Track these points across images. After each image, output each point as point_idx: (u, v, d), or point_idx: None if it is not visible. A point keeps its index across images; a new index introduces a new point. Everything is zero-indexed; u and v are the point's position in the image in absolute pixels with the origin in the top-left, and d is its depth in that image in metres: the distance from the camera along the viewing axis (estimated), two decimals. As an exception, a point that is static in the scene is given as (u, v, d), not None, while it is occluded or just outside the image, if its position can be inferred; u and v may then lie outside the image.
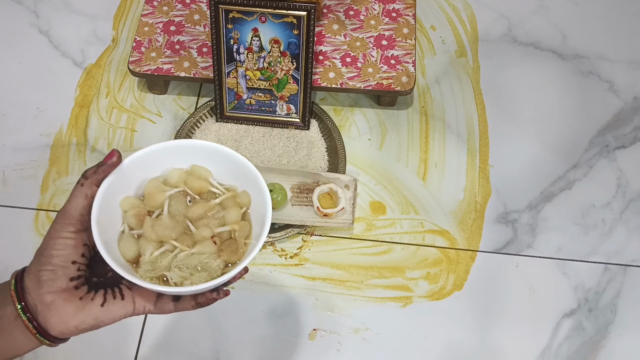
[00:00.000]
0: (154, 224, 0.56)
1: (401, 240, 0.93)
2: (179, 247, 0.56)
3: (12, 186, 0.97)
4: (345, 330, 0.87)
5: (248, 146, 0.99)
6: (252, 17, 0.90)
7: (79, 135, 1.01)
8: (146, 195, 0.57)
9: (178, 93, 1.06)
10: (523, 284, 0.91)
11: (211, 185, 0.59)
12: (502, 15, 1.15)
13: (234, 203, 0.59)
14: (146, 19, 1.03)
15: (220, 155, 0.58)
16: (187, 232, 0.57)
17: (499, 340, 0.87)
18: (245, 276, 0.89)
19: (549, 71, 1.10)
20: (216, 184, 0.60)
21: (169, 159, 0.59)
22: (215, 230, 0.57)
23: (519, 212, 0.96)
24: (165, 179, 0.59)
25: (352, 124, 1.03)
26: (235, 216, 0.57)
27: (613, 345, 0.87)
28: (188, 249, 0.56)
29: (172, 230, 0.55)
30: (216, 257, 0.56)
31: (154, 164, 0.58)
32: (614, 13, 1.16)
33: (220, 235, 0.57)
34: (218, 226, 0.57)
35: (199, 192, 0.59)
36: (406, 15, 1.04)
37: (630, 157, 1.02)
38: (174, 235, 0.56)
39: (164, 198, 0.57)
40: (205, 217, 0.58)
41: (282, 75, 0.96)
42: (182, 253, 0.55)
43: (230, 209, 0.58)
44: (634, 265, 0.93)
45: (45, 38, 1.11)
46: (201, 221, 0.57)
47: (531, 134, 1.03)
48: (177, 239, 0.56)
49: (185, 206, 0.58)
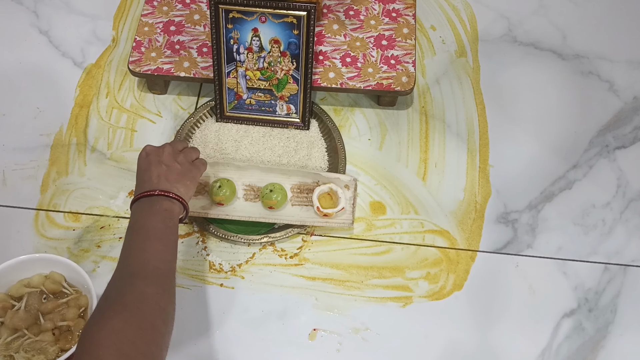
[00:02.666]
0: (13, 316, 0.77)
1: (401, 240, 0.93)
2: (27, 334, 0.77)
3: (12, 186, 0.97)
4: (345, 330, 0.87)
5: (248, 146, 0.99)
6: (252, 17, 0.90)
7: (79, 135, 1.01)
8: (12, 291, 0.81)
9: (178, 93, 1.06)
10: (523, 284, 0.91)
11: (63, 287, 0.81)
12: (502, 15, 1.15)
13: (75, 304, 0.80)
14: (146, 19, 1.03)
15: (66, 266, 0.80)
16: (37, 322, 0.79)
17: (499, 340, 0.87)
18: (245, 276, 0.90)
19: (549, 71, 1.10)
20: (67, 286, 0.81)
21: (32, 267, 0.81)
22: (57, 324, 0.78)
23: (519, 212, 0.96)
24: (29, 281, 0.81)
25: (352, 124, 1.03)
26: (72, 314, 0.79)
27: (613, 345, 0.87)
28: (34, 336, 0.77)
29: (24, 322, 0.77)
30: (54, 344, 0.76)
31: (22, 270, 0.81)
32: (614, 13, 1.16)
33: (61, 328, 0.78)
34: (60, 321, 0.78)
35: (53, 292, 0.81)
36: (406, 15, 1.04)
37: (630, 157, 1.02)
38: (25, 325, 0.77)
39: (24, 293, 0.80)
40: (53, 312, 0.79)
41: (282, 75, 0.96)
42: (29, 340, 0.76)
43: (71, 308, 0.79)
44: (634, 265, 0.93)
45: (45, 38, 1.11)
46: (49, 315, 0.79)
47: (531, 134, 1.03)
48: (27, 328, 0.77)
49: (40, 302, 0.80)
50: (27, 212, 0.94)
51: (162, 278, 0.67)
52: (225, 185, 0.90)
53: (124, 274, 0.67)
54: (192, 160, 0.81)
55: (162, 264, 0.68)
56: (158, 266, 0.68)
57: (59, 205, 0.95)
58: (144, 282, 0.65)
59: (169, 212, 0.73)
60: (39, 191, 0.96)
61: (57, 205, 0.95)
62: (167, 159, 0.78)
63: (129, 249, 0.70)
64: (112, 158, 0.99)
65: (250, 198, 0.93)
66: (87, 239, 0.92)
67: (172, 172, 0.77)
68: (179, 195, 0.75)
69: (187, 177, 0.78)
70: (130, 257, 0.69)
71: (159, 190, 0.74)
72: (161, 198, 0.74)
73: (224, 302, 0.88)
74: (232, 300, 0.88)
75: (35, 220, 0.94)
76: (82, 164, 0.98)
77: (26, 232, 0.93)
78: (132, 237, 0.71)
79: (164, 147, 0.79)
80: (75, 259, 0.90)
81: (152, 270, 0.67)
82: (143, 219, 0.72)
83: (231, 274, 0.90)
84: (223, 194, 0.89)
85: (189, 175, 0.78)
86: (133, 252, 0.69)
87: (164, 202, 0.74)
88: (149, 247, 0.69)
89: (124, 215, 0.94)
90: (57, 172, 0.98)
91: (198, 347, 0.85)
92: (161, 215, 0.73)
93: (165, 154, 0.78)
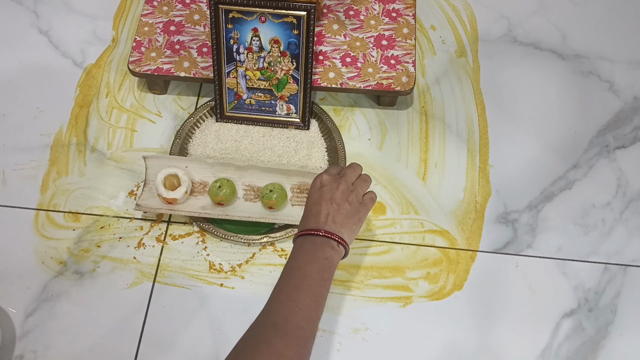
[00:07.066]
0: None
1: (401, 240, 0.93)
2: None
3: (12, 186, 0.97)
4: (345, 330, 0.87)
5: (248, 146, 0.99)
6: (252, 17, 0.90)
7: (79, 135, 1.01)
8: None
9: (178, 93, 1.06)
10: (523, 284, 0.91)
11: None
12: (502, 15, 1.15)
13: None
14: (146, 19, 1.03)
15: None
16: None
17: (499, 340, 0.87)
18: (245, 276, 0.90)
19: (549, 71, 1.10)
20: None
21: None
22: None
23: (519, 212, 0.96)
24: None
25: (352, 124, 1.03)
26: None
27: (613, 345, 0.87)
28: None
29: None
30: None
31: None
32: (614, 13, 1.16)
33: None
34: None
35: None
36: (406, 15, 1.04)
37: (630, 157, 1.02)
38: None
39: None
40: None
41: (282, 75, 0.96)
42: None
43: None
44: (634, 265, 0.93)
45: (45, 38, 1.11)
46: None
47: (531, 134, 1.03)
48: None
49: None
50: (27, 212, 0.94)
51: (301, 340, 0.65)
52: (225, 185, 0.90)
53: (267, 322, 0.66)
54: (362, 196, 0.79)
55: (306, 323, 0.66)
56: (301, 325, 0.65)
57: (59, 205, 0.95)
58: (282, 341, 0.63)
59: (329, 261, 0.71)
60: (39, 191, 0.96)
61: (57, 205, 0.95)
62: (340, 197, 0.75)
63: (280, 294, 0.68)
64: (112, 158, 0.99)
65: (250, 198, 0.93)
66: (87, 239, 0.92)
67: (341, 212, 0.75)
68: (342, 239, 0.73)
69: (353, 220, 0.76)
70: (278, 303, 0.68)
71: (324, 231, 0.73)
72: (325, 242, 0.72)
73: (224, 302, 0.88)
74: (232, 300, 0.88)
75: (35, 220, 0.94)
76: (82, 164, 0.98)
77: (26, 232, 0.93)
78: (286, 280, 0.69)
79: (339, 182, 0.77)
80: (75, 259, 0.90)
81: (295, 328, 0.65)
82: (302, 262, 0.70)
83: (231, 274, 0.90)
84: (223, 194, 0.89)
85: (356, 217, 0.76)
86: (282, 299, 0.68)
87: (327, 249, 0.72)
88: (299, 300, 0.67)
89: (124, 215, 0.94)
90: (57, 172, 0.98)
91: (198, 347, 0.85)
92: (320, 264, 0.70)
93: (339, 190, 0.76)
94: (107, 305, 0.88)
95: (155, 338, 0.86)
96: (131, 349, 0.85)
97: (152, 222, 0.94)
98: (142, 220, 0.94)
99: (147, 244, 0.92)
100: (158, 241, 0.92)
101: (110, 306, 0.88)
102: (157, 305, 0.88)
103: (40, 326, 0.86)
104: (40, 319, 0.87)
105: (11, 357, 0.84)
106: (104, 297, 0.88)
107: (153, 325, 0.86)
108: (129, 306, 0.88)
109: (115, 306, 0.88)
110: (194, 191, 0.92)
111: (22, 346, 0.85)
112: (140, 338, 0.86)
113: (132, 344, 0.85)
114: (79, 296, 0.88)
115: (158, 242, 0.92)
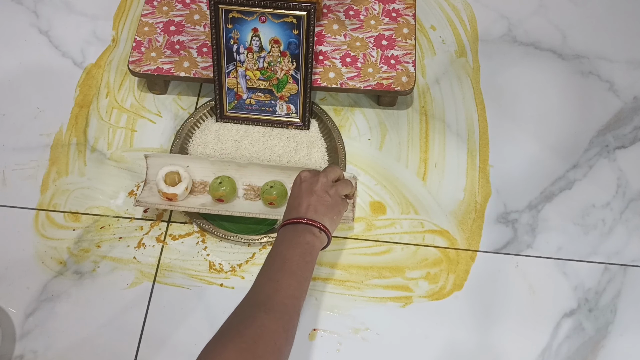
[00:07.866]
0: None
1: (401, 240, 0.93)
2: None
3: (12, 186, 0.97)
4: (345, 330, 0.87)
5: (248, 146, 0.99)
6: (252, 17, 0.90)
7: (79, 135, 1.01)
8: None
9: (178, 93, 1.06)
10: (523, 284, 0.91)
11: None
12: (502, 15, 1.15)
13: None
14: (146, 19, 1.03)
15: None
16: None
17: (499, 340, 0.87)
18: (245, 276, 0.90)
19: (549, 71, 1.10)
20: None
21: None
22: None
23: (519, 212, 0.96)
24: None
25: (352, 124, 1.03)
26: None
27: (613, 345, 0.87)
28: None
29: None
30: None
31: None
32: (614, 13, 1.16)
33: None
34: None
35: None
36: (406, 15, 1.04)
37: (630, 157, 1.02)
38: None
39: None
40: None
41: (282, 75, 0.96)
42: None
43: None
44: (634, 265, 0.93)
45: (45, 38, 1.11)
46: None
47: (531, 134, 1.03)
48: None
49: None
50: (27, 212, 0.94)
51: (285, 315, 0.67)
52: (226, 182, 0.90)
53: (251, 301, 0.69)
54: (342, 196, 0.83)
55: (289, 300, 0.69)
56: (285, 302, 0.68)
57: (59, 205, 0.95)
58: (267, 315, 0.66)
59: (310, 245, 0.74)
60: (39, 191, 0.96)
61: (57, 205, 0.95)
62: (320, 188, 0.79)
63: (262, 277, 0.71)
64: (112, 158, 0.99)
65: (250, 197, 0.93)
66: (87, 239, 0.92)
67: (322, 203, 0.78)
68: (324, 225, 0.77)
69: (334, 211, 0.79)
70: (261, 285, 0.70)
71: (306, 219, 0.76)
72: (306, 229, 0.75)
73: (224, 302, 0.88)
74: (232, 300, 0.88)
75: (35, 220, 0.94)
76: (82, 164, 0.98)
77: (26, 232, 0.93)
78: (269, 265, 0.72)
79: (318, 177, 0.81)
80: (75, 259, 0.90)
81: (278, 304, 0.68)
82: (284, 248, 0.73)
83: (231, 274, 0.90)
84: (223, 190, 0.89)
85: (336, 209, 0.80)
86: (265, 281, 0.71)
87: (307, 235, 0.75)
88: (281, 280, 0.70)
89: (124, 215, 0.94)
90: (57, 172, 0.98)
91: (198, 347, 0.85)
92: (302, 248, 0.73)
93: (319, 183, 0.80)
94: (107, 305, 0.88)
95: (155, 338, 0.86)
96: (131, 349, 0.85)
97: (152, 222, 0.94)
98: (142, 220, 0.94)
99: (147, 244, 0.92)
100: (158, 241, 0.92)
101: (110, 306, 0.88)
102: (157, 305, 0.88)
103: (40, 326, 0.86)
104: (40, 319, 0.87)
105: (11, 357, 0.84)
106: (104, 297, 0.88)
107: (153, 325, 0.86)
108: (129, 306, 0.88)
109: (115, 306, 0.88)
110: (194, 190, 0.92)
111: (22, 346, 0.85)
112: (140, 338, 0.86)
113: (132, 343, 0.85)
114: (79, 296, 0.88)
115: (158, 242, 0.92)
